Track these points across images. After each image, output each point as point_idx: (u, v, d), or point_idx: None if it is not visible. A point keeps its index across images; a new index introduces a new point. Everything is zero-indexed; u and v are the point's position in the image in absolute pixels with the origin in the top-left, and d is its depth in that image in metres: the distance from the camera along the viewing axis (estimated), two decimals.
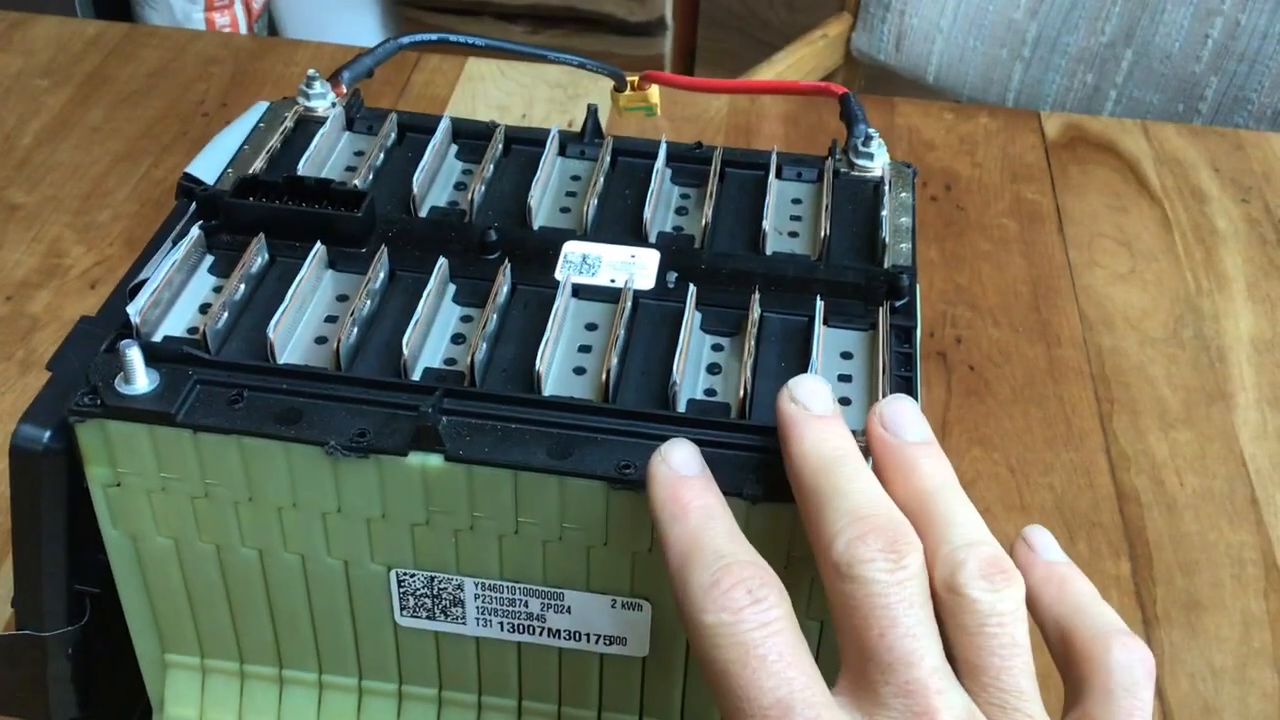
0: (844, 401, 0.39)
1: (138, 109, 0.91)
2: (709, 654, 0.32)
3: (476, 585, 0.40)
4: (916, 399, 0.39)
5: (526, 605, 0.40)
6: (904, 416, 0.36)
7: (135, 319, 0.39)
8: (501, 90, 0.95)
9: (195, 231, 0.42)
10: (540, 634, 0.41)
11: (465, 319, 0.42)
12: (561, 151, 0.49)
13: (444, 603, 0.41)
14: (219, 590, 0.42)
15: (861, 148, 0.47)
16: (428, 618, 0.41)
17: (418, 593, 0.41)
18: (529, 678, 0.43)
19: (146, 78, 0.94)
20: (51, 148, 0.87)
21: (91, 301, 0.75)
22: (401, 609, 0.41)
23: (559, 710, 0.43)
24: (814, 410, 0.36)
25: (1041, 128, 0.93)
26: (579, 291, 0.42)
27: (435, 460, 0.37)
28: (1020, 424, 0.71)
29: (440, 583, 0.40)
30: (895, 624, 0.32)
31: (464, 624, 0.41)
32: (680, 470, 0.35)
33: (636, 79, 0.58)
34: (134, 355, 0.37)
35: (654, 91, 0.59)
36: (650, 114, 0.60)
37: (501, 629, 0.41)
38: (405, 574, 0.40)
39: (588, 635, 0.41)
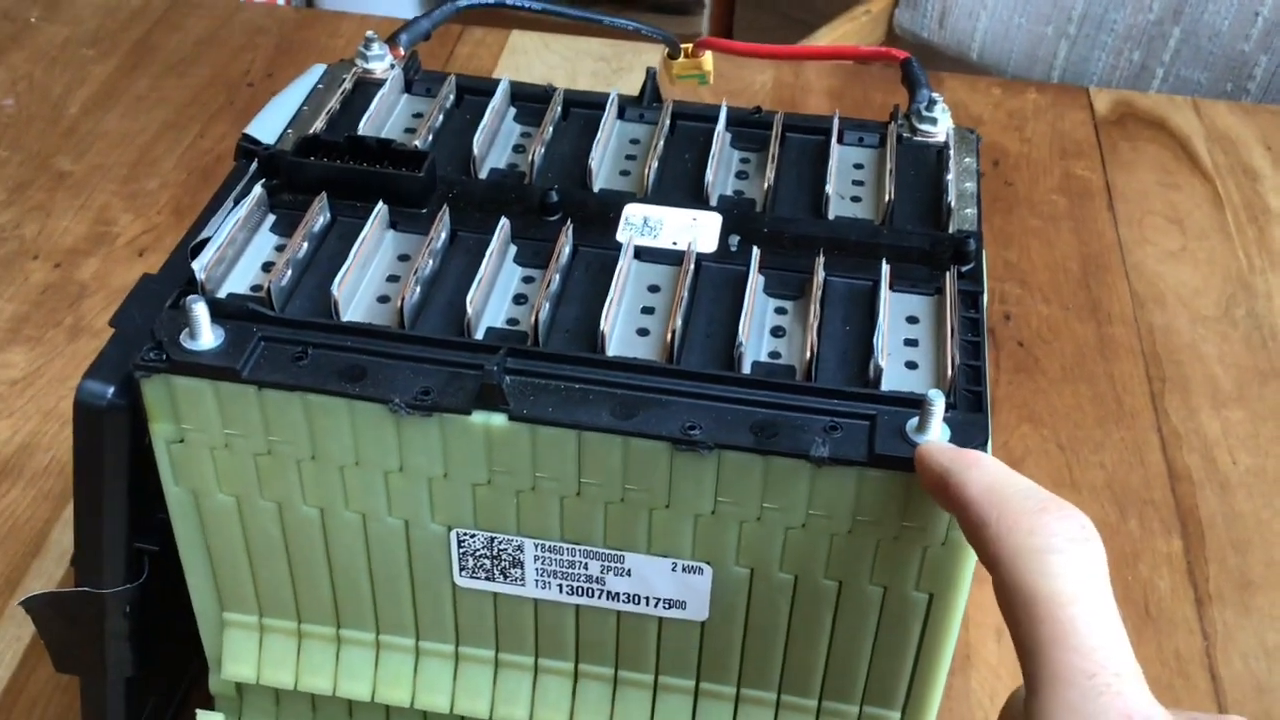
0: (910, 366, 0.39)
1: (184, 78, 0.91)
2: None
3: (536, 547, 0.40)
4: (985, 363, 0.38)
5: (586, 567, 0.40)
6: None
7: (200, 275, 0.39)
8: (545, 64, 0.95)
9: (258, 190, 0.42)
10: (599, 597, 0.41)
11: (526, 280, 0.42)
12: (620, 115, 0.49)
13: (503, 564, 0.41)
14: (279, 548, 0.42)
15: (925, 112, 0.47)
16: (486, 579, 0.41)
17: (477, 553, 0.41)
18: (587, 641, 0.42)
19: (192, 47, 0.94)
20: (99, 116, 0.87)
21: (139, 269, 0.75)
22: (461, 569, 0.41)
23: (616, 674, 0.43)
24: None
25: (1091, 104, 0.92)
26: (641, 253, 0.42)
27: (499, 419, 0.37)
28: (1070, 401, 0.70)
29: (500, 544, 0.40)
30: None
31: (523, 585, 0.41)
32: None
33: (690, 46, 0.58)
34: (200, 311, 0.37)
35: (707, 59, 0.59)
36: (703, 82, 0.59)
37: (560, 591, 0.41)
38: (465, 534, 0.40)
39: (647, 599, 0.41)
